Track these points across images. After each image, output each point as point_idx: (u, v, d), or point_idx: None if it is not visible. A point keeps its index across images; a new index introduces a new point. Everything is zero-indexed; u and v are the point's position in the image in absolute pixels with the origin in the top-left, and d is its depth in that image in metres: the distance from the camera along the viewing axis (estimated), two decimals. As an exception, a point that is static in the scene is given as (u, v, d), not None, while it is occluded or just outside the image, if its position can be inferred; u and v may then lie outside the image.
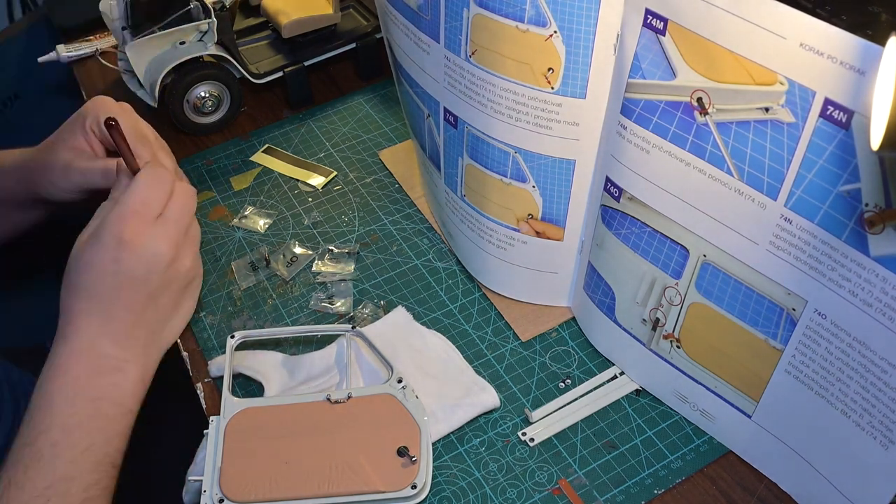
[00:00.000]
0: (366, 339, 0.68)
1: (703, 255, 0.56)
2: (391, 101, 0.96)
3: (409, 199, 0.85)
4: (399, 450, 0.60)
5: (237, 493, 0.59)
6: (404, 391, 0.64)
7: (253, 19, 0.99)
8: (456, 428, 0.65)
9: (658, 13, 0.50)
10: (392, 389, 0.64)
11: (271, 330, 0.71)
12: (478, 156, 0.65)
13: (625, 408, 0.67)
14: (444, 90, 0.65)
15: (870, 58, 0.41)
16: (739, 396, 0.60)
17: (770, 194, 0.49)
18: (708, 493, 0.62)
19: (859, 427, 0.52)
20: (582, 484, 0.62)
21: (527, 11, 0.54)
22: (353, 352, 0.69)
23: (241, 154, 0.91)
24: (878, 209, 0.44)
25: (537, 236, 0.68)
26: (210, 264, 0.79)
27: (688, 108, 0.51)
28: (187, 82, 0.89)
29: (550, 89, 0.58)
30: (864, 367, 0.50)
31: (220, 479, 0.60)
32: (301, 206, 0.85)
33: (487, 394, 0.66)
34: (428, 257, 0.79)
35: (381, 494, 0.59)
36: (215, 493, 0.59)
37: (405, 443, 0.61)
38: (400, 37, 0.68)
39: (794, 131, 0.46)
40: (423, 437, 0.61)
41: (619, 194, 0.59)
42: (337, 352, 0.70)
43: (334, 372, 0.69)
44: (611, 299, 0.65)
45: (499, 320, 0.73)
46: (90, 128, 0.75)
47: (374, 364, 0.68)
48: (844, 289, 0.49)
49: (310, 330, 0.71)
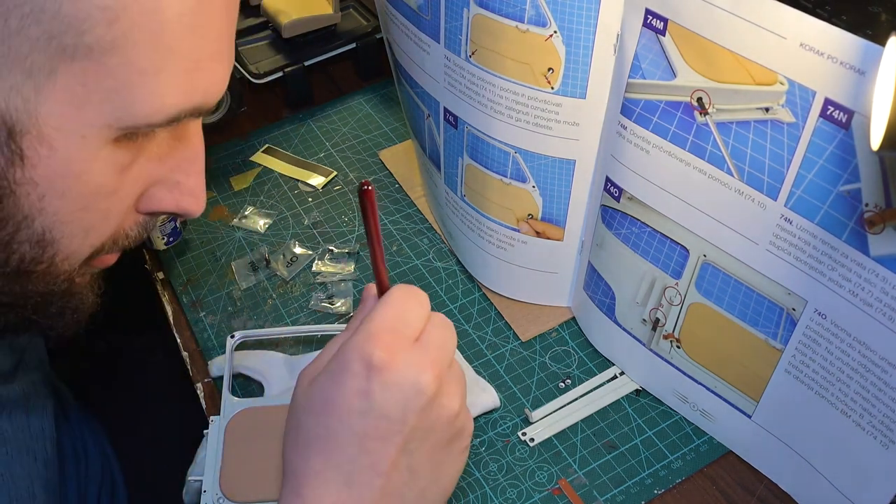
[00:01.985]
0: None
1: (703, 255, 0.56)
2: (391, 101, 0.96)
3: (409, 199, 0.85)
4: None
5: (237, 493, 0.59)
6: None
7: (253, 19, 0.99)
8: None
9: (658, 13, 0.50)
10: None
11: (271, 330, 0.71)
12: (478, 156, 0.65)
13: (625, 408, 0.67)
14: (444, 90, 0.65)
15: (870, 58, 0.41)
16: (739, 396, 0.60)
17: (770, 194, 0.49)
18: (708, 493, 0.62)
19: (859, 427, 0.52)
20: (582, 484, 0.62)
21: (527, 11, 0.54)
22: None
23: (241, 154, 0.91)
24: (878, 209, 0.44)
25: (537, 236, 0.68)
26: (210, 264, 0.79)
27: (688, 108, 0.51)
28: (187, 82, 0.88)
29: (550, 89, 0.58)
30: (865, 367, 0.50)
31: (220, 479, 0.60)
32: (301, 206, 0.85)
33: (488, 394, 0.66)
34: (428, 257, 0.79)
35: None
36: (215, 493, 0.59)
37: None
38: (400, 37, 0.68)
39: (794, 131, 0.46)
40: None
41: (619, 194, 0.59)
42: None
43: None
44: (611, 299, 0.65)
45: (499, 320, 0.73)
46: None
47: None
48: (844, 289, 0.49)
49: (310, 330, 0.71)
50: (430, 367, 0.45)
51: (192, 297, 0.76)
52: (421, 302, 0.48)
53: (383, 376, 0.44)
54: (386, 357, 0.44)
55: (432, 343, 0.47)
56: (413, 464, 0.47)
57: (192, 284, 0.77)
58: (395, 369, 0.44)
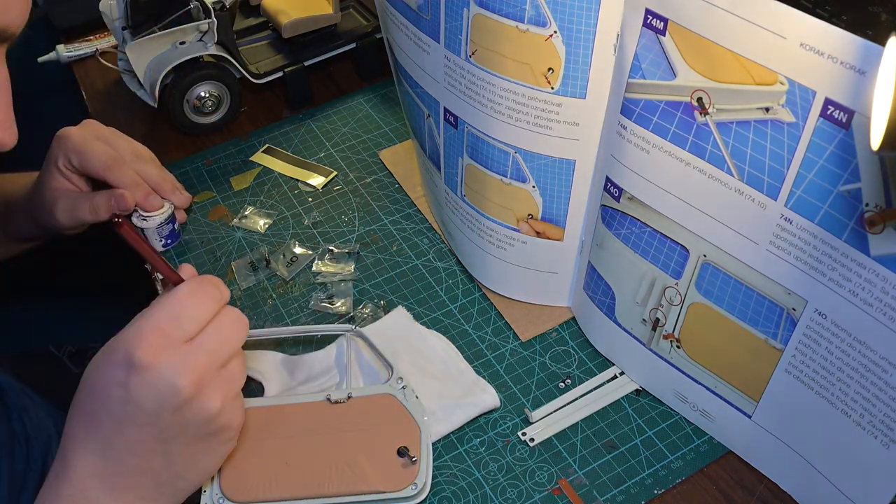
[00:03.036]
0: (366, 339, 0.68)
1: (703, 255, 0.56)
2: (391, 101, 0.96)
3: (409, 199, 0.85)
4: (399, 450, 0.60)
5: (237, 493, 0.59)
6: (404, 391, 0.64)
7: (253, 19, 0.99)
8: (456, 428, 0.65)
9: (658, 13, 0.50)
10: (392, 389, 0.64)
11: (271, 330, 0.71)
12: (478, 156, 0.65)
13: (625, 408, 0.67)
14: (444, 90, 0.65)
15: (870, 58, 0.41)
16: (739, 396, 0.60)
17: (770, 194, 0.49)
18: (708, 493, 0.62)
19: (860, 426, 0.52)
20: (582, 484, 0.62)
21: (527, 11, 0.54)
22: (354, 352, 0.69)
23: (241, 154, 0.91)
24: (879, 209, 0.44)
25: (537, 236, 0.68)
26: (210, 264, 0.79)
27: (688, 108, 0.51)
28: (187, 82, 0.89)
29: (550, 89, 0.58)
30: (865, 366, 0.50)
31: (219, 479, 0.60)
32: (301, 206, 0.85)
33: (488, 394, 0.66)
34: (428, 257, 0.79)
35: (381, 494, 0.59)
36: (215, 494, 0.59)
37: (405, 443, 0.61)
38: (400, 37, 0.68)
39: (794, 131, 0.46)
40: (423, 437, 0.61)
41: (619, 194, 0.59)
42: (337, 352, 0.70)
43: (334, 372, 0.69)
44: (611, 299, 0.65)
45: (499, 320, 0.73)
46: (63, 166, 0.75)
47: (374, 364, 0.68)
48: (845, 288, 0.48)
49: (310, 330, 0.71)
50: (190, 372, 0.49)
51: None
52: (207, 299, 0.51)
53: (141, 375, 0.48)
54: (146, 358, 0.48)
55: (205, 345, 0.50)
56: (170, 451, 0.51)
57: (192, 284, 0.77)
58: (153, 370, 0.48)
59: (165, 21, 0.88)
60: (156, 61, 0.87)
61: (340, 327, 0.71)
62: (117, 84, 1.00)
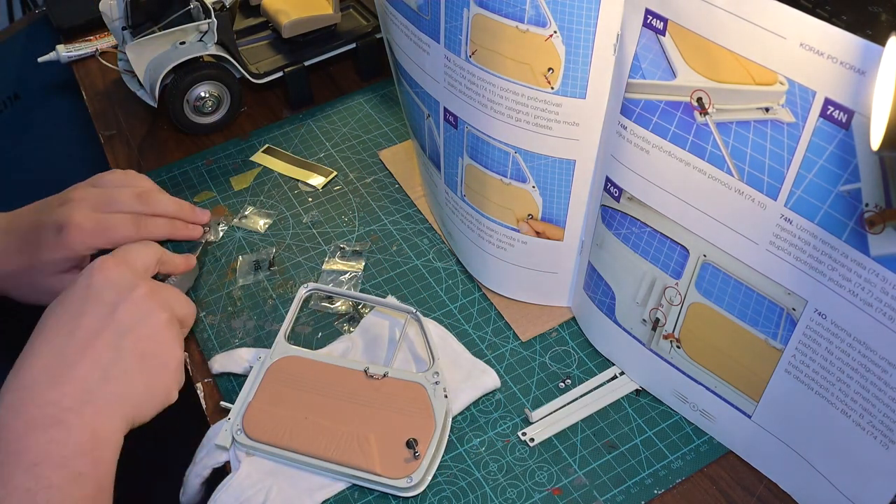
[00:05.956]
0: (422, 327, 0.69)
1: (703, 255, 0.56)
2: (391, 101, 0.96)
3: (409, 199, 0.85)
4: (409, 441, 0.61)
5: (254, 430, 0.62)
6: (436, 387, 0.64)
7: (253, 19, 0.99)
8: (460, 411, 0.66)
9: (658, 13, 0.50)
10: (425, 381, 0.65)
11: (338, 290, 0.73)
12: (478, 156, 0.65)
13: (625, 408, 0.67)
14: (444, 90, 0.65)
15: (870, 58, 0.41)
16: (739, 396, 0.60)
17: (770, 194, 0.49)
18: (708, 493, 0.62)
19: (859, 427, 0.52)
20: (582, 484, 0.62)
21: (527, 11, 0.54)
22: (408, 333, 0.70)
23: (241, 154, 0.91)
24: (879, 209, 0.44)
25: (537, 236, 0.68)
26: (210, 264, 0.79)
27: (688, 108, 0.51)
28: (187, 82, 0.89)
29: (550, 89, 0.58)
30: (865, 366, 0.50)
31: (244, 413, 0.63)
32: (301, 206, 0.85)
33: (488, 376, 0.67)
34: (428, 257, 0.79)
35: (376, 476, 0.60)
36: (236, 425, 0.63)
37: (417, 436, 0.61)
38: (400, 37, 0.68)
39: (794, 131, 0.46)
40: (435, 436, 0.62)
41: (619, 194, 0.59)
42: (390, 324, 0.72)
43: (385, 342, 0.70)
44: (611, 299, 0.65)
45: (499, 320, 0.73)
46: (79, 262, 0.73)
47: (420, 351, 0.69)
48: (844, 289, 0.49)
49: (373, 300, 0.72)
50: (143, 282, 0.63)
51: (191, 297, 0.76)
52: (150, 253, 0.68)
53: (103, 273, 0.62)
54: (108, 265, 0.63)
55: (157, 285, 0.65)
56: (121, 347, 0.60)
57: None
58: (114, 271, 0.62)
59: (165, 21, 0.88)
60: (156, 61, 0.87)
61: (402, 307, 0.71)
62: (117, 84, 1.00)
